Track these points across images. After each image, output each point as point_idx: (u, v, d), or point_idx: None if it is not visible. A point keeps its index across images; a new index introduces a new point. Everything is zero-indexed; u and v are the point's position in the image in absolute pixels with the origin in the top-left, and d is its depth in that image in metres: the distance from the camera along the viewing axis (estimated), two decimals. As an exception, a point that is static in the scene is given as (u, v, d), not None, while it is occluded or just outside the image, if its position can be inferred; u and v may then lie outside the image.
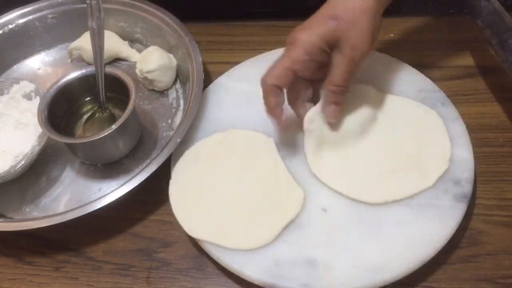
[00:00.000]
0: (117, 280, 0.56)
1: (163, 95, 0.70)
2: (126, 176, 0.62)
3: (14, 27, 0.74)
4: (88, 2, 0.63)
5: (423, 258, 0.50)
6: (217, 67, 0.70)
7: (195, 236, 0.54)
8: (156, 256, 0.57)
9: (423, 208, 0.53)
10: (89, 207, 0.55)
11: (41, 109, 0.61)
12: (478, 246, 0.53)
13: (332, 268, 0.50)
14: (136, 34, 0.74)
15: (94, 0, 0.62)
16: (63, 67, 0.75)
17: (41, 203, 0.62)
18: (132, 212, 0.59)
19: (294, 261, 0.51)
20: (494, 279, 0.51)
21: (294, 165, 0.58)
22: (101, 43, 0.63)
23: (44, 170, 0.64)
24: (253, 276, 0.51)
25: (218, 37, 0.76)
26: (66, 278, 0.56)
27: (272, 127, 0.60)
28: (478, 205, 0.56)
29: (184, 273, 0.55)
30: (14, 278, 0.57)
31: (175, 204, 0.57)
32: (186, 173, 0.59)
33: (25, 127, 0.64)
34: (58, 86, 0.63)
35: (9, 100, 0.66)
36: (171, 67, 0.69)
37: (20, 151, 0.62)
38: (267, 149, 0.59)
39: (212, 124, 0.63)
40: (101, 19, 0.63)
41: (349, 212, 0.54)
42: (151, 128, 0.67)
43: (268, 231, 0.53)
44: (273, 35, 0.75)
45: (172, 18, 0.70)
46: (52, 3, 0.75)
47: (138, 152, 0.65)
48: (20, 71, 0.76)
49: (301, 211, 0.54)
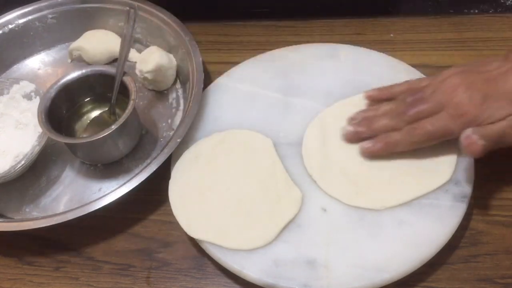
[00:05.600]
0: (117, 280, 0.56)
1: (163, 95, 0.70)
2: (126, 176, 0.62)
3: (14, 27, 0.74)
4: (127, 10, 0.63)
5: (423, 258, 0.50)
6: (217, 67, 0.70)
7: (195, 236, 0.54)
8: (156, 256, 0.57)
9: (423, 208, 0.53)
10: (89, 207, 0.55)
11: (41, 109, 0.61)
12: (478, 246, 0.53)
13: (332, 268, 0.50)
14: (136, 34, 0.74)
15: (133, 9, 0.63)
16: (63, 67, 0.75)
17: (41, 203, 0.62)
18: (132, 212, 0.60)
19: (294, 261, 0.51)
20: (494, 279, 0.51)
21: (293, 165, 0.58)
22: (126, 52, 0.63)
23: (44, 170, 0.64)
24: (253, 276, 0.51)
25: (218, 37, 0.76)
26: (66, 278, 0.56)
27: (271, 126, 0.60)
28: (478, 205, 0.56)
29: (184, 273, 0.55)
30: (14, 278, 0.57)
31: (175, 204, 0.57)
32: (185, 173, 0.59)
33: (25, 127, 0.64)
34: (58, 86, 0.63)
35: (9, 100, 0.66)
36: (171, 67, 0.69)
37: (20, 151, 0.62)
38: (266, 149, 0.59)
39: (212, 124, 0.63)
40: (131, 28, 0.63)
41: (349, 212, 0.54)
42: (151, 128, 0.67)
43: (268, 231, 0.53)
44: (273, 35, 0.75)
45: (172, 18, 0.70)
46: (52, 3, 0.75)
47: (138, 152, 0.65)
48: (20, 71, 0.76)
49: (301, 211, 0.54)
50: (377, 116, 0.57)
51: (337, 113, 0.61)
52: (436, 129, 0.52)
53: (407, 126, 0.54)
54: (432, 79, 0.55)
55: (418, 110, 0.53)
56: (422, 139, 0.53)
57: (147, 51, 0.70)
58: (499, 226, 0.54)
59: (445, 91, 0.52)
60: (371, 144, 0.56)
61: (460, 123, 0.51)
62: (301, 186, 0.56)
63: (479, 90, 0.51)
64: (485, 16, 0.74)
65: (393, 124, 0.55)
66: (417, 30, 0.72)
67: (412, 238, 0.51)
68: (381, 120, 0.56)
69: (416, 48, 0.70)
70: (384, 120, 0.56)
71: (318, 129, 0.60)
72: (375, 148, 0.56)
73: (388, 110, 0.56)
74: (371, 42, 0.70)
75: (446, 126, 0.52)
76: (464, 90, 0.51)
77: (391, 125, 0.55)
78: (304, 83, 0.65)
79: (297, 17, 0.76)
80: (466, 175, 0.55)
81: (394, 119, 0.55)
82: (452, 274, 0.52)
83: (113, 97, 0.63)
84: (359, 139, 0.57)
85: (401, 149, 0.55)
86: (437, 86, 0.53)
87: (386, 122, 0.56)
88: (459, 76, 0.53)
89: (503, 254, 0.52)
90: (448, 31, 0.71)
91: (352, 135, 0.58)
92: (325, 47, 0.68)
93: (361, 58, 0.66)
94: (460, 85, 0.52)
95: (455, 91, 0.52)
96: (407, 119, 0.54)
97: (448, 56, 0.69)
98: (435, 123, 0.52)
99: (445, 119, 0.52)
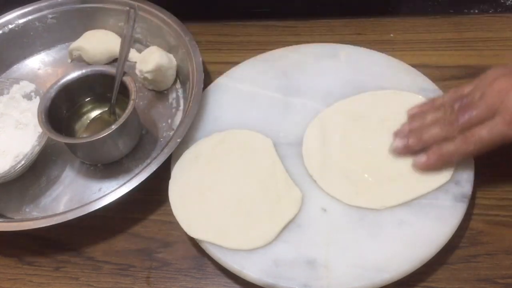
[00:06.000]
0: (117, 280, 0.56)
1: (163, 95, 0.70)
2: (126, 176, 0.62)
3: (14, 27, 0.74)
4: (127, 10, 0.63)
5: (423, 258, 0.50)
6: (217, 67, 0.70)
7: (195, 236, 0.54)
8: (156, 256, 0.57)
9: (423, 208, 0.53)
10: (89, 207, 0.55)
11: (41, 109, 0.61)
12: (478, 246, 0.53)
13: (332, 268, 0.50)
14: (136, 34, 0.74)
15: (132, 9, 0.63)
16: (63, 67, 0.75)
17: (41, 203, 0.62)
18: (132, 212, 0.60)
19: (294, 261, 0.51)
20: (494, 279, 0.51)
21: (293, 165, 0.58)
22: (126, 52, 0.63)
23: (44, 170, 0.64)
24: (253, 276, 0.51)
25: (218, 37, 0.76)
26: (66, 278, 0.56)
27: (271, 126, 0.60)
28: (478, 205, 0.56)
29: (184, 273, 0.55)
30: (14, 278, 0.57)
31: (175, 204, 0.57)
32: (185, 173, 0.59)
33: (25, 127, 0.64)
34: (58, 86, 0.63)
35: (9, 100, 0.66)
36: (171, 67, 0.69)
37: (20, 151, 0.62)
38: (266, 149, 0.59)
39: (212, 124, 0.63)
40: (131, 28, 0.63)
41: (349, 212, 0.54)
42: (151, 128, 0.67)
43: (268, 231, 0.53)
44: (273, 35, 0.75)
45: (172, 18, 0.70)
46: (52, 3, 0.75)
47: (138, 152, 0.65)
48: (20, 71, 0.76)
49: (301, 211, 0.54)
50: (425, 127, 0.54)
51: (337, 113, 0.61)
52: (494, 137, 0.49)
53: (461, 136, 0.51)
54: (477, 83, 0.52)
55: (470, 116, 0.50)
56: (477, 147, 0.50)
57: (147, 51, 0.70)
58: (499, 226, 0.54)
59: (495, 95, 0.49)
60: (425, 158, 0.54)
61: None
62: (301, 186, 0.56)
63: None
64: (485, 16, 0.75)
65: (444, 133, 0.52)
66: (417, 30, 0.72)
67: (412, 238, 0.51)
68: (431, 130, 0.53)
69: (416, 48, 0.70)
70: (435, 130, 0.53)
71: (318, 129, 0.60)
72: (430, 161, 0.53)
73: (436, 119, 0.54)
74: (371, 42, 0.70)
75: (504, 132, 0.48)
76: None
77: (442, 134, 0.52)
78: (304, 83, 0.65)
79: (297, 17, 0.76)
80: (466, 175, 0.55)
81: (445, 128, 0.52)
82: (452, 274, 0.52)
83: (113, 97, 0.63)
84: (410, 153, 0.55)
85: (457, 159, 0.53)
86: (485, 89, 0.50)
87: (437, 132, 0.53)
88: (508, 78, 0.50)
89: (503, 254, 0.52)
90: (448, 31, 0.71)
91: (402, 149, 0.55)
92: (325, 47, 0.68)
93: (361, 58, 0.66)
94: (510, 88, 0.49)
95: (507, 95, 0.48)
96: (459, 127, 0.51)
97: (448, 56, 0.69)
98: (491, 131, 0.49)
99: (501, 125, 0.48)
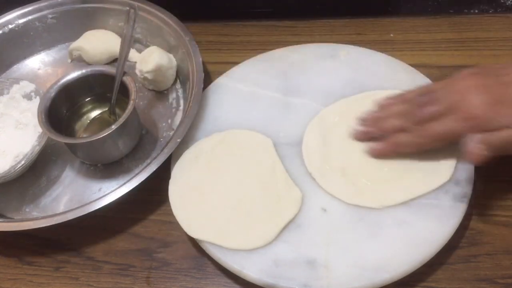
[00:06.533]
0: (117, 280, 0.56)
1: (163, 95, 0.70)
2: (126, 176, 0.62)
3: (14, 27, 0.74)
4: (127, 10, 0.63)
5: (423, 258, 0.50)
6: (217, 67, 0.70)
7: (195, 236, 0.54)
8: (156, 256, 0.57)
9: (423, 208, 0.53)
10: (89, 207, 0.55)
11: (41, 109, 0.61)
12: (478, 246, 0.53)
13: (332, 268, 0.50)
14: (136, 34, 0.74)
15: (132, 9, 0.63)
16: (63, 67, 0.75)
17: (41, 203, 0.62)
18: (132, 212, 0.60)
19: (294, 261, 0.51)
20: (494, 279, 0.51)
21: (293, 165, 0.58)
22: (126, 52, 0.63)
23: (44, 170, 0.64)
24: (253, 276, 0.51)
25: (218, 37, 0.76)
26: (66, 278, 0.56)
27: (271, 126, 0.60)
28: (478, 205, 0.56)
29: (184, 273, 0.55)
30: (14, 278, 0.57)
31: (175, 204, 0.57)
32: (185, 173, 0.59)
33: (25, 127, 0.64)
34: (58, 86, 0.63)
35: (9, 100, 0.66)
36: (171, 67, 0.69)
37: (20, 151, 0.62)
38: (266, 149, 0.59)
39: (212, 124, 0.63)
40: (131, 28, 0.63)
41: (349, 212, 0.54)
42: (151, 128, 0.67)
43: (268, 231, 0.53)
44: (273, 35, 0.75)
45: (172, 18, 0.70)
46: (52, 3, 0.75)
47: (138, 152, 0.65)
48: (20, 71, 0.76)
49: (301, 211, 0.54)
50: (388, 117, 0.56)
51: (337, 112, 0.61)
52: (444, 131, 0.51)
53: (416, 127, 0.53)
54: (447, 81, 0.53)
55: (428, 111, 0.51)
56: (429, 141, 0.53)
57: (147, 51, 0.70)
58: (499, 226, 0.54)
59: (457, 92, 0.50)
60: (380, 145, 0.56)
61: (468, 127, 0.49)
62: (301, 186, 0.56)
63: (493, 93, 0.48)
64: (485, 16, 0.74)
65: (401, 124, 0.54)
66: (417, 30, 0.72)
67: (412, 238, 0.51)
68: (390, 121, 0.55)
69: (416, 48, 0.70)
70: (393, 121, 0.55)
71: (318, 128, 0.60)
72: (382, 148, 0.56)
73: (399, 111, 0.55)
74: (371, 42, 0.70)
75: (454, 128, 0.50)
76: (476, 92, 0.49)
77: (399, 125, 0.54)
78: (304, 83, 0.65)
79: (297, 17, 0.76)
80: (466, 175, 0.55)
81: (403, 120, 0.54)
82: (452, 274, 0.52)
83: (113, 97, 0.63)
84: (367, 139, 0.57)
85: (409, 150, 0.54)
86: (451, 87, 0.52)
87: (395, 122, 0.55)
88: (474, 78, 0.50)
89: (503, 254, 0.52)
90: (448, 31, 0.71)
91: (361, 134, 0.58)
92: (325, 47, 0.68)
93: (361, 58, 0.66)
94: (473, 87, 0.50)
95: (467, 93, 0.49)
96: (416, 120, 0.53)
97: (448, 56, 0.69)
98: (443, 125, 0.51)
99: (453, 122, 0.50)
